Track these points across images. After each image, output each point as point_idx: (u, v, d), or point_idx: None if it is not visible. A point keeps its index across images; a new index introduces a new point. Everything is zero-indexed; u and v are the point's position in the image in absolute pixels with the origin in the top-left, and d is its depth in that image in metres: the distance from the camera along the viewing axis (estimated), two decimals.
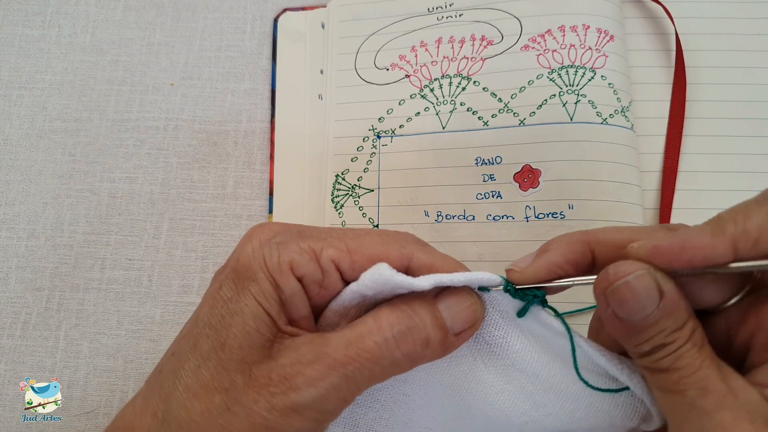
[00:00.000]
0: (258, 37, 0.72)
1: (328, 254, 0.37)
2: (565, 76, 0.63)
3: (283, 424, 0.35)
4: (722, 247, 0.32)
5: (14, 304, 0.65)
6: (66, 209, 0.67)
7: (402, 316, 0.37)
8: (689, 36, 0.66)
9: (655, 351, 0.34)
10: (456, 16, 0.67)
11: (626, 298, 0.34)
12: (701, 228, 0.33)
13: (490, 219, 0.61)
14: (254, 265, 0.37)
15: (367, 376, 0.36)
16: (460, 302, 0.38)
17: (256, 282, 0.37)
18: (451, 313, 0.38)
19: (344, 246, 0.38)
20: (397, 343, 0.36)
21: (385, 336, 0.36)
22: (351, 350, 0.35)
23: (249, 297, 0.37)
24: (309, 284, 0.38)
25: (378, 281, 0.37)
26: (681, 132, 0.64)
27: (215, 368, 0.36)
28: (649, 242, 0.34)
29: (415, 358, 0.37)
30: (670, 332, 0.34)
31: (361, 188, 0.64)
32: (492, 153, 0.63)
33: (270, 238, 0.38)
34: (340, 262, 0.38)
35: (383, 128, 0.66)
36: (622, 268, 0.34)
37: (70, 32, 0.74)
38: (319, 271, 0.37)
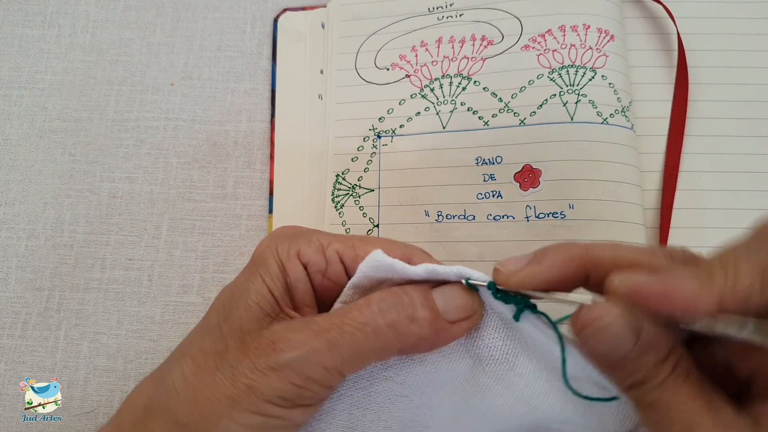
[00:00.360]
0: (258, 37, 0.72)
1: (334, 247, 0.41)
2: (566, 76, 0.63)
3: (262, 383, 0.36)
4: (706, 303, 0.31)
5: (14, 304, 0.65)
6: (66, 209, 0.67)
7: (391, 293, 0.38)
8: (689, 36, 0.66)
9: (638, 386, 0.34)
10: (456, 16, 0.67)
11: (600, 340, 0.33)
12: (689, 275, 0.32)
13: (491, 219, 0.61)
14: (267, 253, 0.41)
15: (350, 342, 0.37)
16: (454, 291, 0.39)
17: (266, 265, 0.40)
18: (445, 299, 0.39)
19: (350, 243, 0.41)
20: (381, 313, 0.37)
21: (370, 308, 0.37)
22: (335, 319, 0.37)
23: (257, 277, 0.40)
24: (313, 272, 0.41)
25: (373, 266, 0.39)
26: (682, 132, 0.64)
27: (216, 337, 0.39)
28: (630, 283, 0.33)
29: (401, 331, 0.37)
30: (650, 367, 0.33)
31: (361, 188, 0.64)
32: (492, 153, 0.63)
33: (285, 235, 0.42)
34: (344, 254, 0.41)
35: (384, 128, 0.66)
36: (594, 313, 0.33)
37: (70, 32, 0.74)
38: (323, 260, 0.41)
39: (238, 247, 0.65)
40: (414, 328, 0.37)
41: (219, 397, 0.36)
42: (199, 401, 0.37)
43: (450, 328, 0.39)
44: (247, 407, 0.36)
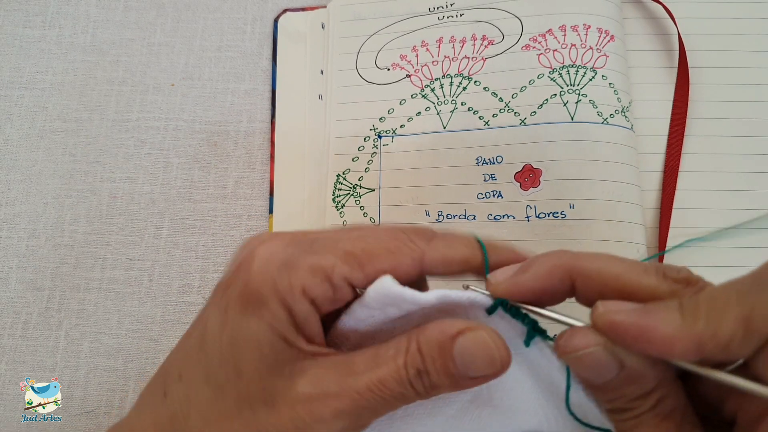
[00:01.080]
0: (258, 38, 0.72)
1: (341, 273, 0.36)
2: (566, 76, 0.64)
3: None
4: (683, 347, 0.30)
5: (15, 303, 0.65)
6: (66, 209, 0.68)
7: (414, 357, 0.35)
8: (690, 36, 0.66)
9: (617, 413, 0.34)
10: (457, 15, 0.68)
11: (581, 367, 0.34)
12: (670, 316, 0.31)
13: (491, 218, 0.61)
14: (264, 290, 0.35)
15: (384, 408, 0.36)
16: (477, 351, 0.35)
17: (268, 308, 0.35)
18: (466, 360, 0.35)
19: (355, 261, 0.36)
20: (412, 384, 0.35)
21: (401, 376, 0.35)
22: (374, 386, 0.35)
23: (262, 323, 0.35)
24: (321, 303, 0.36)
25: (383, 295, 0.36)
26: (683, 132, 0.64)
27: (234, 399, 0.36)
28: (610, 316, 0.32)
29: (424, 396, 0.36)
30: (631, 399, 0.33)
31: (362, 188, 0.64)
32: (493, 152, 0.63)
33: (275, 257, 0.37)
34: (352, 278, 0.36)
35: (384, 128, 0.66)
36: (575, 342, 0.33)
37: (70, 32, 0.74)
38: (331, 290, 0.36)
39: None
40: (433, 393, 0.36)
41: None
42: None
43: (470, 383, 0.36)
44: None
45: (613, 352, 0.32)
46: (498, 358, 0.35)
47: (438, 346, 0.35)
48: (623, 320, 0.32)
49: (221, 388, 0.36)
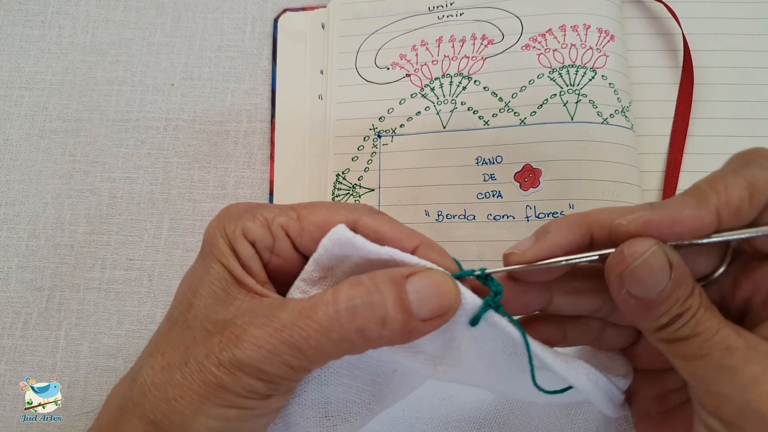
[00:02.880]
0: (258, 38, 0.72)
1: (278, 221, 0.39)
2: (566, 76, 0.63)
3: (230, 382, 0.35)
4: (708, 219, 0.34)
5: (15, 303, 0.65)
6: (66, 209, 0.68)
7: (362, 290, 0.35)
8: (691, 36, 0.66)
9: (674, 321, 0.35)
10: (456, 15, 0.67)
11: (643, 276, 0.34)
12: (685, 200, 0.35)
13: (491, 218, 0.61)
14: (216, 235, 0.39)
15: (314, 346, 0.35)
16: (433, 286, 0.36)
17: (217, 247, 0.39)
18: (420, 295, 0.36)
19: (294, 214, 0.39)
20: (350, 317, 0.35)
21: (337, 308, 0.35)
22: (300, 318, 0.35)
23: (212, 260, 0.39)
24: (261, 249, 0.39)
25: (335, 240, 0.37)
26: (686, 131, 0.64)
27: (181, 328, 0.38)
28: (640, 217, 0.35)
29: (369, 336, 0.35)
30: (683, 300, 0.34)
31: (361, 187, 0.64)
32: (492, 152, 0.63)
33: (232, 213, 0.41)
34: (289, 227, 0.39)
35: (384, 127, 0.66)
36: (637, 247, 0.34)
37: (70, 32, 0.74)
38: (269, 236, 0.39)
39: None
40: (384, 332, 0.35)
41: (191, 395, 0.36)
42: (171, 399, 0.36)
43: (421, 328, 0.36)
44: (220, 403, 0.35)
45: (665, 252, 0.34)
46: (453, 293, 0.36)
47: (391, 280, 0.36)
48: (653, 217, 0.35)
49: (174, 322, 0.39)
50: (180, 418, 0.36)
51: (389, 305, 0.35)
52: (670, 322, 0.35)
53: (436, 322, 0.36)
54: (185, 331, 0.38)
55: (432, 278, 0.36)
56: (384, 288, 0.36)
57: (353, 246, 0.37)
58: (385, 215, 0.41)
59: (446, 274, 0.37)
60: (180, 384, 0.36)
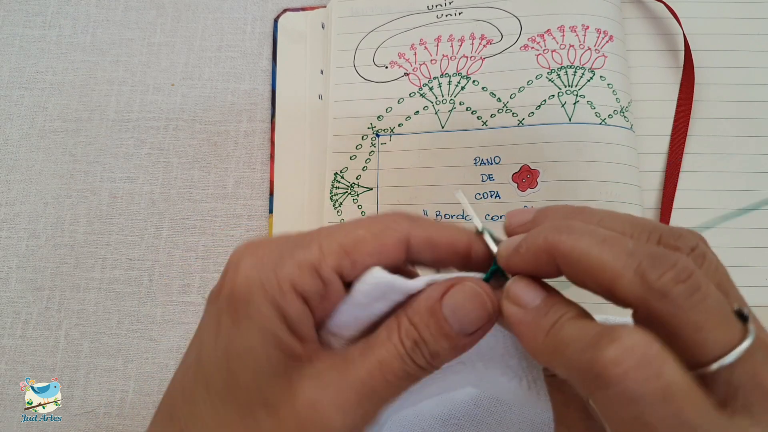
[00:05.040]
0: (258, 38, 0.72)
1: (329, 264, 0.34)
2: (564, 77, 0.63)
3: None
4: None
5: (15, 303, 0.65)
6: (66, 209, 0.68)
7: (408, 329, 0.35)
8: (692, 36, 0.66)
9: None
10: (455, 14, 0.67)
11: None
12: None
13: (489, 219, 0.61)
14: (253, 293, 0.34)
15: (390, 392, 0.35)
16: (468, 301, 0.35)
17: (258, 311, 0.34)
18: (458, 316, 0.35)
19: (341, 249, 0.35)
20: (411, 358, 0.35)
21: (399, 352, 0.35)
22: (377, 373, 0.34)
23: (253, 329, 0.34)
24: (313, 300, 0.35)
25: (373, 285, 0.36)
26: (686, 131, 0.64)
27: (234, 408, 0.34)
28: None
29: (429, 368, 0.36)
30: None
31: (359, 186, 0.64)
32: (491, 153, 0.63)
33: (260, 260, 0.35)
34: (341, 267, 0.35)
35: (382, 127, 0.66)
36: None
37: (70, 32, 0.74)
38: (321, 284, 0.34)
39: None
40: (439, 361, 0.36)
41: None
42: None
43: (470, 340, 0.36)
44: None
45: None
46: (489, 303, 0.36)
47: (428, 311, 0.35)
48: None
49: (222, 399, 0.34)
50: None
51: (433, 340, 0.35)
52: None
53: (482, 332, 0.36)
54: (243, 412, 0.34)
55: (465, 292, 0.36)
56: (422, 324, 0.35)
57: (394, 288, 0.36)
58: (424, 219, 0.38)
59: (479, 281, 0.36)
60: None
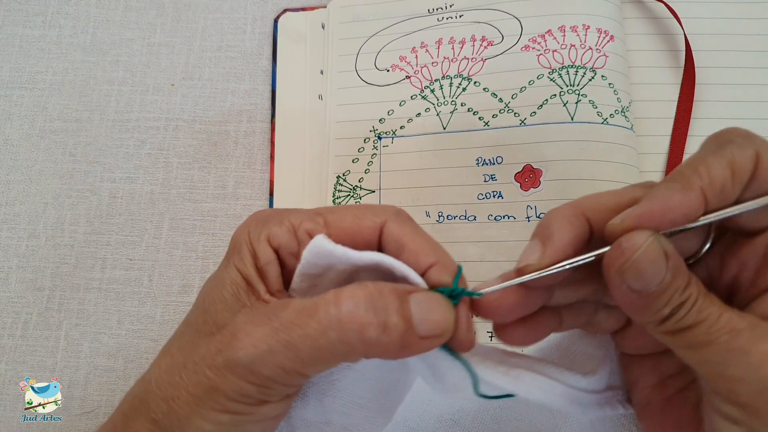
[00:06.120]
0: (258, 38, 0.72)
1: (305, 227, 0.38)
2: (566, 76, 0.64)
3: (221, 383, 0.35)
4: (696, 202, 0.34)
5: (15, 303, 0.65)
6: (66, 209, 0.68)
7: (366, 293, 0.35)
8: (692, 36, 0.66)
9: (676, 311, 0.35)
10: (456, 16, 0.68)
11: (644, 268, 0.34)
12: (671, 187, 0.35)
13: (492, 219, 0.61)
14: (240, 239, 0.39)
15: (311, 346, 0.34)
16: (434, 304, 0.36)
17: (239, 253, 0.39)
18: (421, 309, 0.36)
19: (321, 219, 0.39)
20: (351, 317, 0.34)
21: (339, 307, 0.34)
22: (300, 317, 0.35)
23: (231, 266, 0.39)
24: (285, 255, 0.39)
25: (314, 253, 0.37)
26: (686, 131, 0.64)
27: (193, 331, 0.38)
28: (632, 213, 0.35)
29: (367, 340, 0.35)
30: (683, 290, 0.35)
31: (362, 189, 0.64)
32: (493, 153, 0.63)
33: (259, 218, 0.40)
34: (316, 233, 0.38)
35: (384, 129, 0.66)
36: (635, 240, 0.34)
37: (70, 32, 0.74)
38: (295, 242, 0.38)
39: None
40: (383, 338, 0.35)
41: (186, 397, 0.36)
42: (170, 399, 0.36)
43: (419, 344, 0.36)
44: (213, 406, 0.35)
45: (661, 242, 0.34)
46: (450, 316, 0.36)
47: (394, 290, 0.36)
48: (644, 210, 0.35)
49: (188, 324, 0.39)
50: (177, 419, 0.36)
51: (392, 311, 0.35)
52: (672, 313, 0.35)
53: (432, 342, 0.36)
54: (194, 335, 0.38)
55: (433, 299, 0.36)
56: (388, 295, 0.35)
57: (334, 256, 0.37)
58: (412, 223, 0.40)
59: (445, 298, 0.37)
60: (178, 384, 0.36)
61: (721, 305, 0.35)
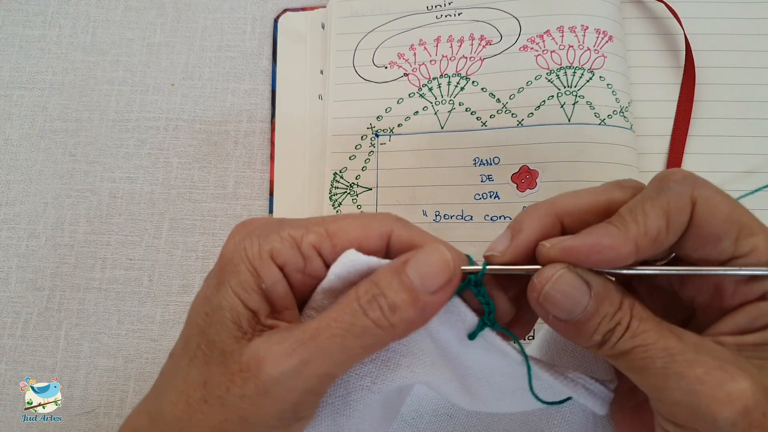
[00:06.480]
0: (258, 38, 0.72)
1: (309, 240, 0.37)
2: (564, 77, 0.63)
3: (254, 411, 0.34)
4: (626, 249, 0.35)
5: (15, 303, 0.65)
6: (66, 209, 0.68)
7: (368, 284, 0.36)
8: (692, 36, 0.66)
9: (608, 338, 0.35)
10: (455, 14, 0.67)
11: (558, 299, 0.35)
12: (608, 229, 0.35)
13: (488, 219, 0.61)
14: (235, 257, 0.37)
15: (340, 345, 0.34)
16: (430, 260, 0.36)
17: (237, 274, 0.36)
18: (421, 272, 0.36)
19: (324, 231, 0.37)
20: (365, 310, 0.35)
21: (352, 306, 0.35)
22: (322, 323, 0.35)
23: (228, 290, 0.36)
24: (291, 272, 0.37)
25: (348, 267, 0.37)
26: (686, 131, 0.64)
27: (200, 365, 0.36)
28: (560, 242, 0.36)
29: (386, 324, 0.35)
30: (611, 316, 0.35)
31: (359, 186, 0.64)
32: (490, 153, 0.63)
33: (251, 231, 0.38)
34: (321, 246, 0.37)
35: (381, 127, 0.66)
36: (545, 273, 0.36)
37: (70, 32, 0.74)
38: (300, 257, 0.37)
39: None
40: (398, 316, 0.35)
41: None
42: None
43: (434, 299, 0.36)
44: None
45: (577, 273, 0.36)
46: (451, 262, 0.36)
47: (390, 270, 0.36)
48: (572, 244, 0.36)
49: (194, 356, 0.37)
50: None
51: (392, 292, 0.35)
52: (605, 339, 0.35)
53: (446, 291, 0.37)
54: (203, 367, 0.36)
55: (427, 254, 0.36)
56: (384, 276, 0.36)
57: (369, 268, 0.37)
58: (414, 226, 0.40)
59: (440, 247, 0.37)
60: (201, 422, 0.35)
61: (658, 328, 0.35)
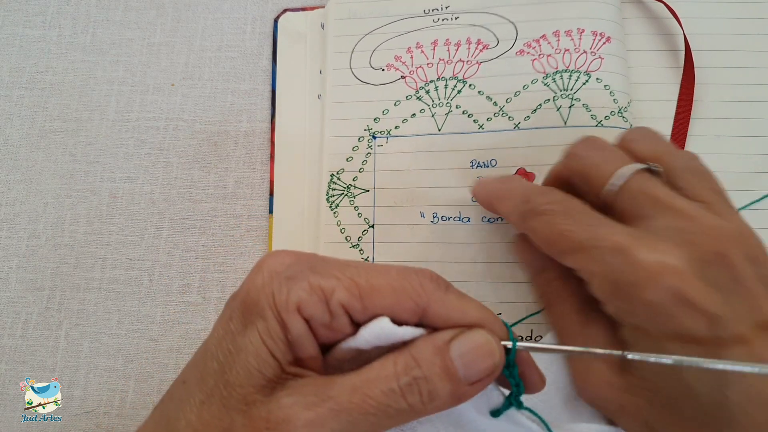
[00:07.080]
0: (258, 38, 0.72)
1: (338, 298, 0.35)
2: (560, 81, 0.63)
3: None
4: None
5: (15, 303, 0.66)
6: (66, 209, 0.68)
7: (407, 359, 0.35)
8: (692, 36, 0.66)
9: None
10: (452, 18, 0.67)
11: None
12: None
13: (485, 221, 0.61)
14: (262, 300, 0.36)
15: (372, 423, 0.34)
16: (477, 348, 0.36)
17: (264, 319, 0.35)
18: (465, 361, 0.35)
19: (356, 290, 0.36)
20: (404, 394, 0.34)
21: (390, 386, 0.34)
22: (356, 396, 0.34)
23: (255, 334, 0.35)
24: (317, 326, 0.36)
25: (377, 335, 0.36)
26: (686, 131, 0.64)
27: (217, 406, 0.35)
28: None
29: (421, 410, 0.35)
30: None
31: (356, 188, 0.64)
32: (487, 156, 0.63)
33: (281, 270, 0.37)
34: (350, 307, 0.36)
35: (379, 129, 0.66)
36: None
37: (70, 32, 0.74)
38: (327, 314, 0.36)
39: (239, 247, 0.66)
40: (435, 404, 0.35)
41: None
42: None
43: (471, 390, 0.36)
44: None
45: None
46: (497, 354, 0.36)
47: (434, 350, 0.35)
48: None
49: (210, 395, 0.35)
50: None
51: (436, 378, 0.35)
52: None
53: (484, 383, 0.36)
54: (222, 412, 0.35)
55: (475, 340, 0.36)
56: (428, 359, 0.35)
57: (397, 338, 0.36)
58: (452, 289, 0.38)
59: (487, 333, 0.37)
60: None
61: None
